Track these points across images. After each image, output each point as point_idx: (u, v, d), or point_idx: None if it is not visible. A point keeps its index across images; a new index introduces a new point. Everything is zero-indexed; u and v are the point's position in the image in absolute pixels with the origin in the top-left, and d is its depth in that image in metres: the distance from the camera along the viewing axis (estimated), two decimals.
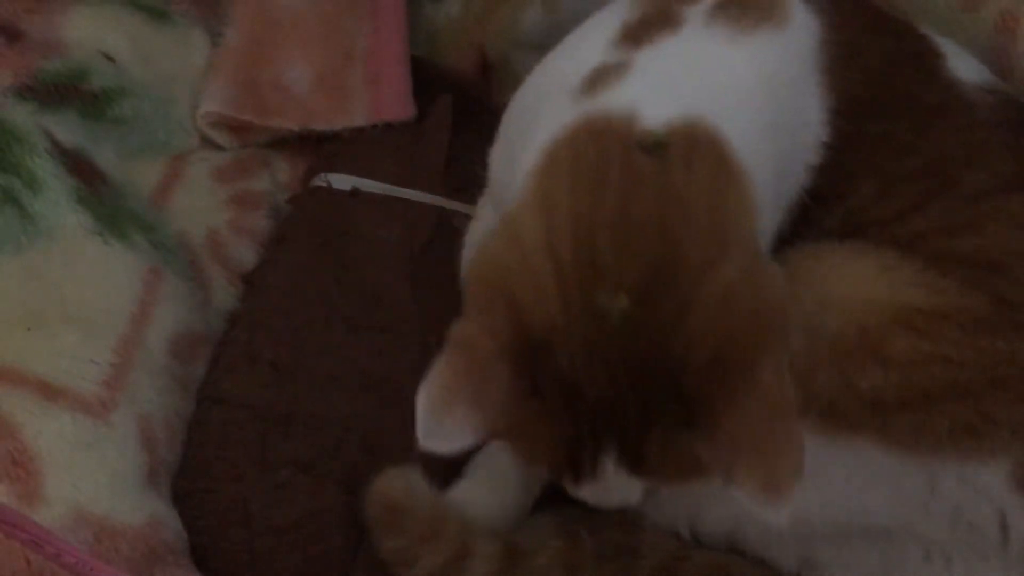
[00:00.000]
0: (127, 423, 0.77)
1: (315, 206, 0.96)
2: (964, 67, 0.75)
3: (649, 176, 0.57)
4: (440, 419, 0.54)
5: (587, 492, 0.60)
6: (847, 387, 0.66)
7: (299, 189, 1.01)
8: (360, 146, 1.00)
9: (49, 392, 0.74)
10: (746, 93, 0.64)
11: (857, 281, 0.68)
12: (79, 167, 0.87)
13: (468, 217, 0.90)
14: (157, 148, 0.98)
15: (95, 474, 0.73)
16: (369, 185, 0.95)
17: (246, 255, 0.95)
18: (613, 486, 0.59)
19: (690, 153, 0.58)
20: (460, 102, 1.03)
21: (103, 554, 0.69)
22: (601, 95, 0.62)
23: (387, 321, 0.87)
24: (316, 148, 1.03)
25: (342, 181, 0.96)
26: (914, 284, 0.68)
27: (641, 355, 0.55)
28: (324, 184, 0.96)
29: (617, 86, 0.62)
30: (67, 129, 0.90)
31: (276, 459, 0.80)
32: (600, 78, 0.64)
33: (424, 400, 0.54)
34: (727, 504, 0.73)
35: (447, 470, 0.76)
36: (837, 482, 0.69)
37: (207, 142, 1.02)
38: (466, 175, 0.94)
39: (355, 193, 0.95)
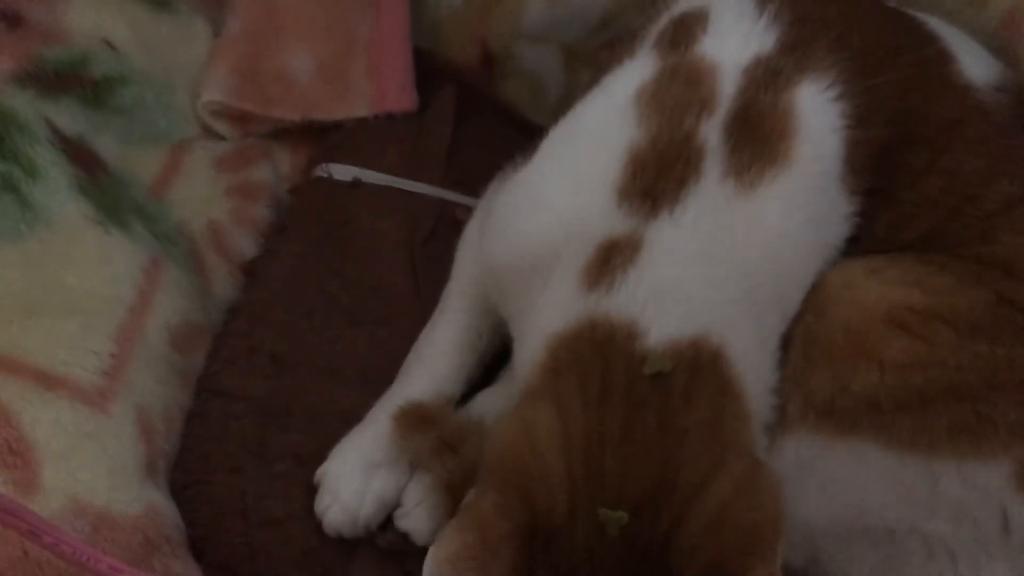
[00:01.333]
0: (126, 414, 0.76)
1: (316, 197, 0.96)
2: (975, 65, 0.75)
3: (652, 405, 0.61)
4: None
5: None
6: (843, 390, 0.67)
7: (300, 179, 1.00)
8: (362, 137, 1.00)
9: (48, 381, 0.73)
10: (760, 266, 0.66)
11: (846, 287, 0.68)
12: (79, 155, 0.86)
13: (470, 210, 0.90)
14: (158, 137, 0.98)
15: (93, 464, 0.72)
16: (371, 176, 0.95)
17: (247, 246, 0.95)
18: None
19: (691, 382, 0.61)
20: (462, 94, 1.03)
21: (101, 544, 0.69)
22: (605, 296, 0.63)
23: (388, 314, 0.86)
24: (318, 138, 1.03)
25: (344, 172, 0.95)
26: (904, 283, 0.68)
27: (637, 562, 0.59)
28: (325, 175, 0.96)
29: (623, 287, 0.63)
30: (68, 117, 0.89)
31: (275, 451, 0.80)
32: (606, 267, 0.64)
33: (431, 567, 0.57)
34: None
35: None
36: (840, 483, 0.69)
37: (208, 132, 1.02)
38: (468, 167, 0.94)
39: (357, 184, 0.95)
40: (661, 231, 0.65)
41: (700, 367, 0.62)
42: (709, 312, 0.64)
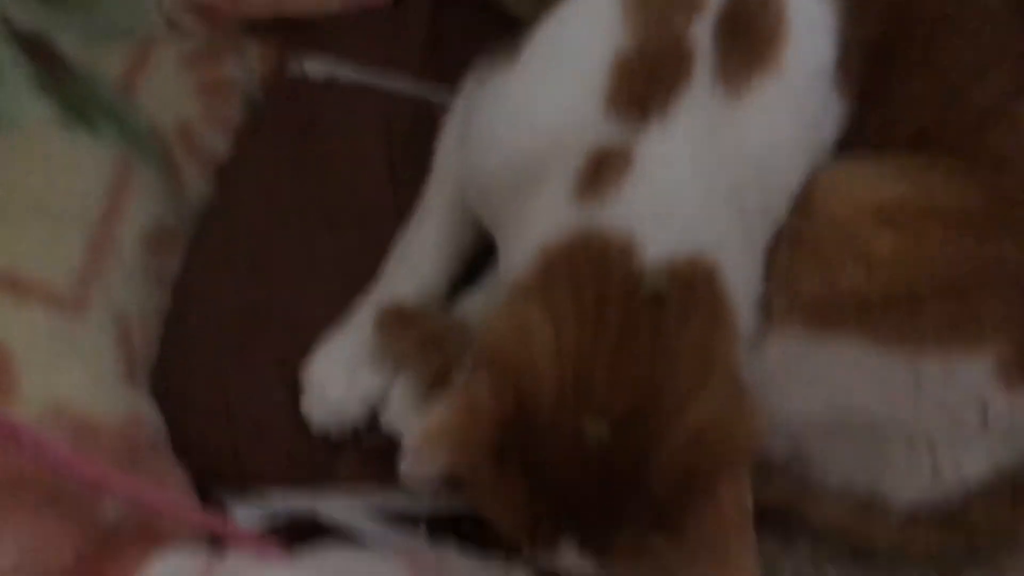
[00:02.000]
0: (102, 319, 0.75)
1: (289, 96, 0.92)
2: None
3: (646, 325, 0.61)
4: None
5: (540, 558, 0.66)
6: (830, 287, 0.66)
7: (273, 77, 0.97)
8: (336, 32, 0.96)
9: (19, 287, 0.72)
10: (749, 178, 0.65)
11: (834, 181, 0.68)
12: (39, 53, 0.83)
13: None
14: (122, 33, 0.94)
15: (72, 371, 0.71)
16: (346, 73, 0.92)
17: (219, 146, 0.92)
18: (573, 564, 0.64)
19: (685, 303, 0.62)
20: None
21: (83, 450, 0.68)
22: (599, 208, 0.63)
23: (366, 215, 0.85)
24: (290, 35, 0.99)
25: (317, 69, 0.92)
26: (893, 178, 0.67)
27: (610, 473, 0.60)
28: (298, 70, 0.92)
29: (616, 200, 0.63)
30: (25, 12, 0.85)
31: (255, 355, 0.79)
32: (598, 179, 0.64)
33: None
34: None
35: None
36: (824, 380, 0.69)
37: (175, 27, 0.97)
38: (447, 61, 0.91)
39: (331, 82, 0.92)
40: (652, 142, 0.64)
41: (695, 288, 0.62)
42: (703, 229, 0.64)
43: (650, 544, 0.62)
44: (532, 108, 0.68)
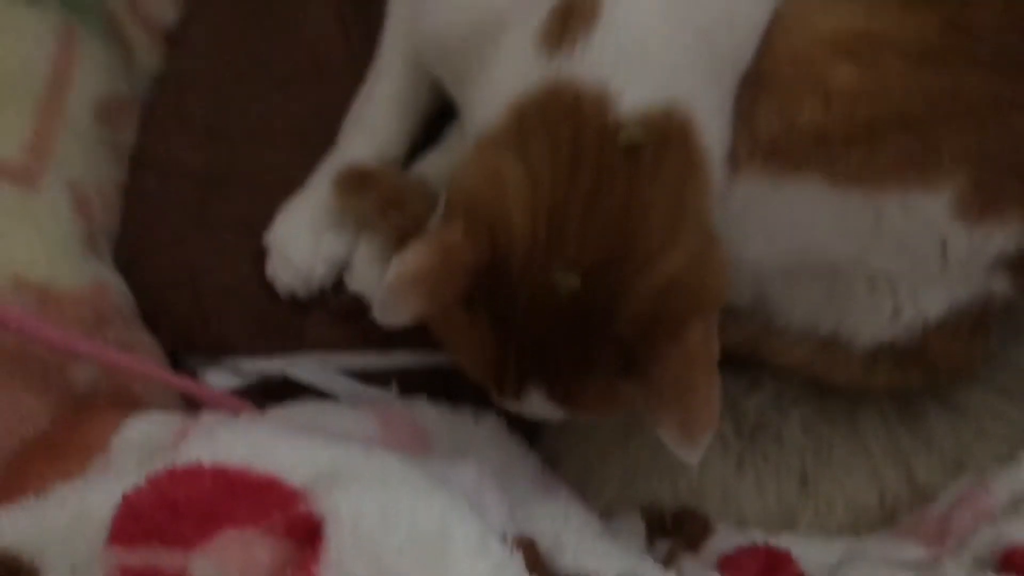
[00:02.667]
0: (57, 189, 0.74)
1: None
2: None
3: (620, 176, 0.61)
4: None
5: (509, 406, 0.67)
6: (789, 125, 0.66)
7: None
8: None
9: None
10: (717, 23, 0.64)
11: (791, 17, 0.66)
12: None
13: None
14: None
15: (30, 242, 0.71)
16: None
17: (167, 12, 0.89)
18: (537, 409, 0.66)
19: (660, 154, 0.61)
20: None
21: (48, 319, 0.68)
22: (569, 59, 0.62)
23: (321, 73, 0.83)
24: None
25: None
26: (850, 11, 0.66)
27: (583, 319, 0.61)
28: None
29: (587, 50, 0.62)
30: None
31: (218, 220, 0.79)
32: (566, 29, 0.62)
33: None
34: None
35: None
36: (786, 220, 0.69)
37: None
38: None
39: None
40: None
41: (669, 139, 0.62)
42: (676, 78, 0.63)
43: (617, 389, 0.64)
44: None
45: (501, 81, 0.64)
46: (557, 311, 0.61)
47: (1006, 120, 0.66)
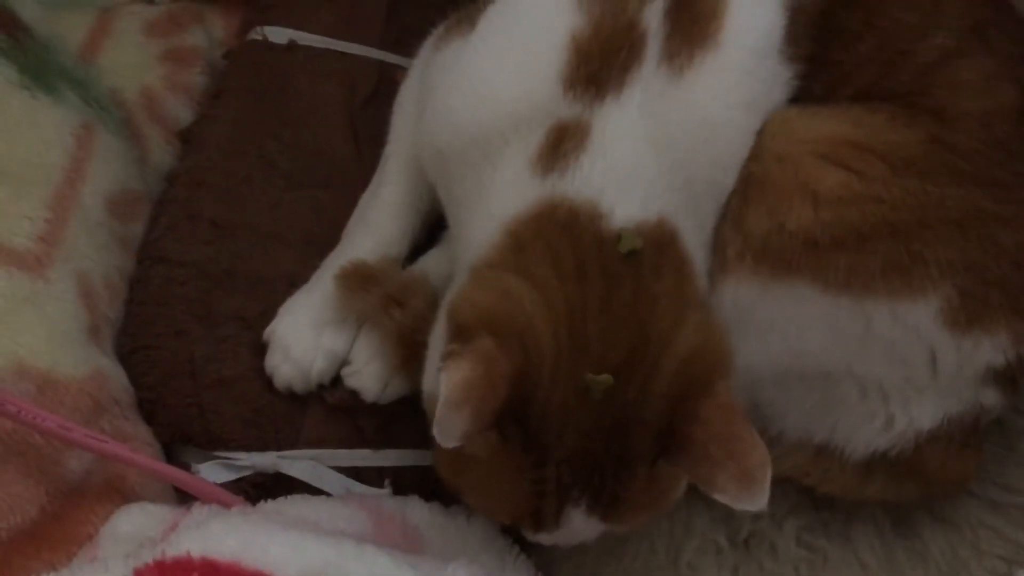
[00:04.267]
0: (65, 279, 0.75)
1: (252, 61, 0.93)
2: None
3: (626, 278, 0.64)
4: (452, 416, 0.57)
5: (544, 538, 0.67)
6: (779, 228, 0.68)
7: (234, 44, 0.97)
8: (296, 1, 0.97)
9: None
10: (694, 155, 0.67)
11: (781, 123, 0.69)
12: (0, 19, 0.83)
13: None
14: (84, 1, 0.94)
15: (34, 329, 0.72)
16: (306, 38, 0.92)
17: (182, 112, 0.93)
18: (576, 531, 0.66)
19: (658, 257, 0.65)
20: None
21: (47, 406, 0.69)
22: (561, 179, 0.65)
23: (328, 177, 0.85)
24: (250, 1, 0.99)
25: (278, 34, 0.93)
26: (840, 118, 0.68)
27: (617, 416, 0.62)
28: (260, 38, 0.93)
29: (578, 171, 0.65)
30: None
31: (220, 315, 0.80)
32: (558, 152, 0.65)
33: (448, 394, 0.57)
34: None
35: None
36: (777, 325, 0.71)
37: None
38: (407, 27, 0.92)
39: (292, 46, 0.92)
40: (608, 117, 0.66)
41: (664, 245, 0.65)
42: (661, 198, 0.66)
43: (661, 476, 0.64)
44: (489, 84, 0.69)
45: (494, 200, 0.67)
46: (592, 413, 0.62)
47: (989, 234, 0.68)
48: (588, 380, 0.61)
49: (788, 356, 0.72)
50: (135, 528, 0.68)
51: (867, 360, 0.72)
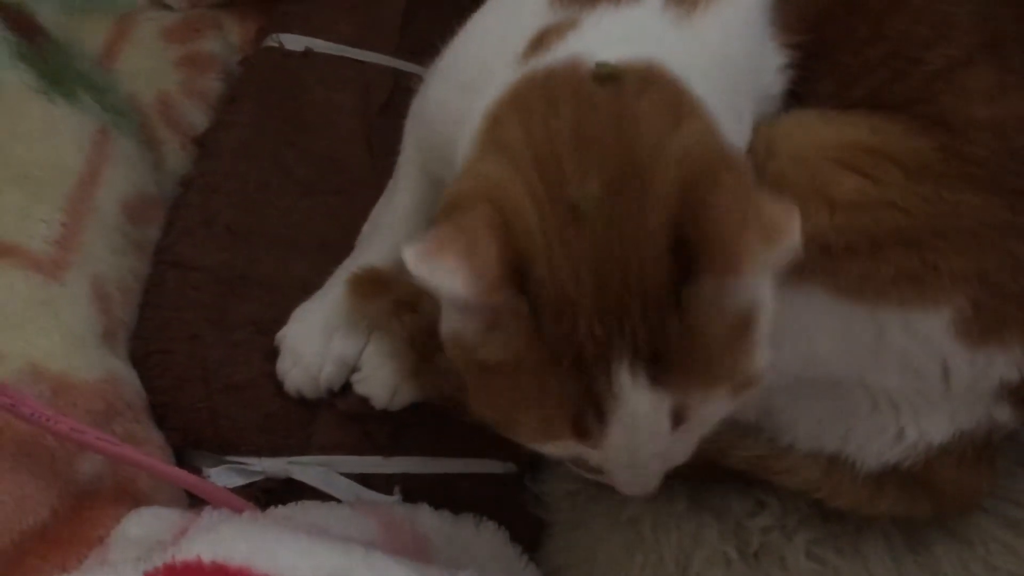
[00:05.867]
0: (80, 283, 0.76)
1: (268, 67, 0.94)
2: None
3: (602, 103, 0.57)
4: (431, 262, 0.52)
5: (609, 444, 0.56)
6: None
7: (251, 51, 0.98)
8: (313, 6, 0.97)
9: None
10: (700, 63, 0.62)
11: (797, 126, 0.68)
12: (19, 22, 0.84)
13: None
14: (103, 6, 0.95)
15: (50, 332, 0.72)
16: (322, 46, 0.93)
17: (198, 118, 0.94)
18: (638, 415, 0.55)
19: (644, 84, 0.57)
20: None
21: (61, 408, 0.69)
22: (547, 52, 0.61)
23: (342, 184, 0.86)
24: (267, 9, 1.00)
25: (295, 42, 0.93)
26: (856, 125, 0.68)
27: (623, 238, 0.54)
28: (276, 45, 0.94)
29: (565, 41, 0.61)
30: None
31: (233, 320, 0.80)
32: (545, 37, 0.62)
33: (413, 250, 0.52)
34: None
35: None
36: (789, 331, 0.69)
37: (155, 1, 0.99)
38: (422, 36, 0.92)
39: (308, 54, 0.93)
40: (601, 14, 0.62)
41: (653, 76, 0.58)
42: (654, 45, 0.60)
43: (692, 309, 0.54)
44: (474, 43, 0.69)
45: (481, 103, 0.62)
46: (597, 242, 0.54)
47: (1005, 245, 0.67)
48: (573, 199, 0.54)
49: (800, 363, 0.72)
50: (146, 532, 0.69)
51: (879, 370, 0.71)
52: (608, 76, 0.57)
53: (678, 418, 0.56)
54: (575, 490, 0.86)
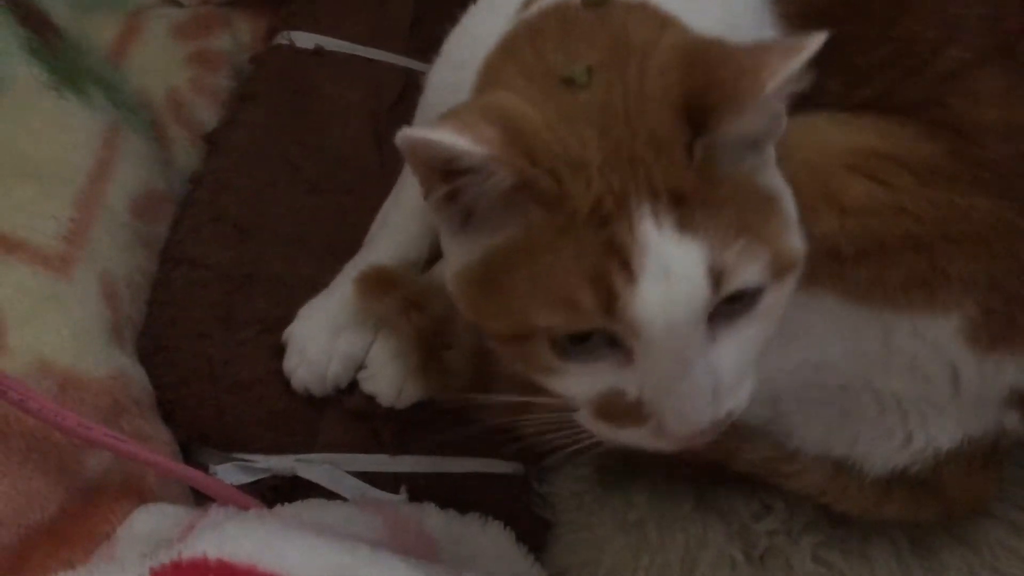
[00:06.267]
0: (89, 279, 0.76)
1: (278, 65, 0.94)
2: None
3: (589, 17, 0.56)
4: (423, 133, 0.50)
5: (641, 305, 0.51)
6: (805, 235, 0.66)
7: (261, 48, 0.98)
8: (323, 4, 0.97)
9: (7, 244, 0.72)
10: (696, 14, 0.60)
11: (808, 129, 0.68)
12: (30, 18, 0.84)
13: None
14: (114, 3, 0.95)
15: (58, 327, 0.72)
16: (333, 44, 0.93)
17: (207, 115, 0.94)
18: (668, 268, 0.51)
19: (632, 8, 0.57)
20: None
21: (68, 404, 0.69)
22: (535, 4, 0.61)
23: (352, 183, 0.86)
24: (278, 7, 1.00)
25: (305, 40, 0.93)
26: (868, 130, 0.68)
27: (626, 98, 0.53)
28: (287, 43, 0.94)
29: None
30: None
31: (241, 318, 0.80)
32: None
33: (402, 132, 0.50)
34: None
35: None
36: (797, 335, 0.70)
37: None
38: (432, 35, 0.92)
39: (319, 52, 0.93)
40: None
41: (641, 6, 0.57)
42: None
43: (708, 158, 0.52)
44: (469, 25, 0.70)
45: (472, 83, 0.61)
46: (598, 106, 0.53)
47: (1015, 251, 0.67)
48: (565, 75, 0.53)
49: (808, 367, 0.71)
50: (152, 528, 0.69)
51: (886, 375, 0.71)
52: (596, 3, 0.56)
53: (717, 278, 0.51)
54: (581, 491, 0.86)
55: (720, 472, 0.79)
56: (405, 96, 0.91)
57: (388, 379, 0.77)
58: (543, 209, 0.52)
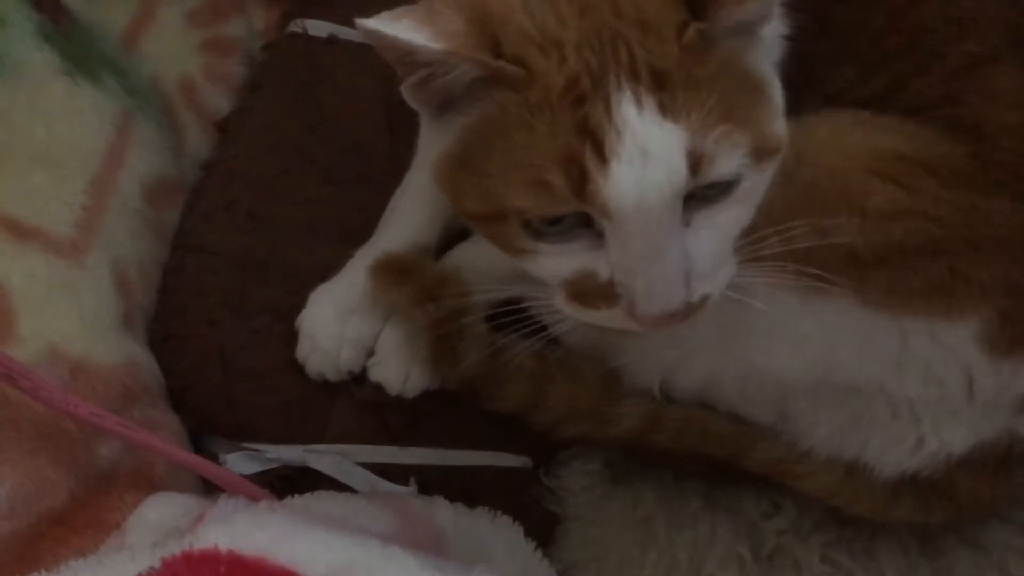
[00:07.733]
0: (101, 266, 0.76)
1: (291, 53, 0.93)
2: None
3: None
4: (384, 24, 0.50)
5: (613, 185, 0.50)
6: (823, 237, 0.65)
7: (274, 36, 0.97)
8: None
9: (20, 231, 0.72)
10: None
11: (831, 131, 0.67)
12: (43, 3, 0.83)
13: None
14: None
15: (69, 315, 0.72)
16: (347, 32, 0.92)
17: (220, 102, 0.93)
18: (645, 149, 0.50)
19: None
20: None
21: (79, 392, 0.69)
22: None
23: (364, 171, 0.85)
24: None
25: (319, 28, 0.93)
26: (890, 131, 0.67)
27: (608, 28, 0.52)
28: (300, 30, 0.93)
29: None
30: None
31: (253, 306, 0.80)
32: None
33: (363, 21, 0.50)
34: (702, 360, 0.74)
35: None
36: (813, 337, 0.69)
37: None
38: None
39: (332, 40, 0.92)
40: None
41: None
42: None
43: (700, 43, 0.51)
44: None
45: None
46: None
47: None
48: None
49: (822, 368, 0.71)
50: (162, 517, 0.69)
51: (901, 379, 0.70)
52: None
53: (695, 163, 0.51)
54: (590, 486, 0.86)
55: (729, 470, 0.79)
56: None
57: (395, 366, 0.77)
58: (513, 92, 0.51)
